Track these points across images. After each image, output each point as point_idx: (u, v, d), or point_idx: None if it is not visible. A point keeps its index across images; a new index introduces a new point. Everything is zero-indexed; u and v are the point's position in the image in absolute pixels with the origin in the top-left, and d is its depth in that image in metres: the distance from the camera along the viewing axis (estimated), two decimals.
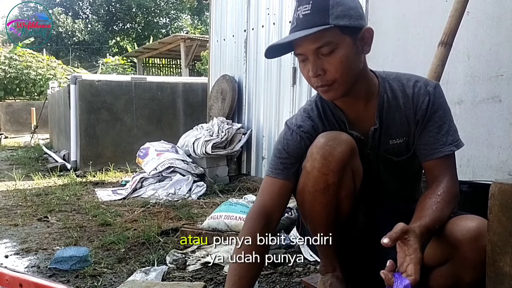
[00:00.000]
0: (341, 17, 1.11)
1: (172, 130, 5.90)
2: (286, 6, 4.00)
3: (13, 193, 4.02)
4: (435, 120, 1.23)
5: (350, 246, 1.39)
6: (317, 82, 1.18)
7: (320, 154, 1.20)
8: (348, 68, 1.16)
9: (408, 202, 1.33)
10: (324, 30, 1.10)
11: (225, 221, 2.44)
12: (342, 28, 1.12)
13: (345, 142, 1.21)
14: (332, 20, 1.10)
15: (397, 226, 1.02)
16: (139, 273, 1.90)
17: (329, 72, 1.15)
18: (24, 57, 13.97)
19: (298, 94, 3.90)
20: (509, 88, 1.99)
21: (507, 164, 2.00)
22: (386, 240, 0.99)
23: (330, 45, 1.12)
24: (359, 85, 1.23)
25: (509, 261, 0.95)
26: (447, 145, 1.21)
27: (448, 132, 1.22)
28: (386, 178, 1.35)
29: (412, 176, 1.38)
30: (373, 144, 1.29)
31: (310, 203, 1.26)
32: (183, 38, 11.22)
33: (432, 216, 1.10)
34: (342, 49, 1.13)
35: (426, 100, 1.23)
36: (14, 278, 1.00)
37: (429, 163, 1.23)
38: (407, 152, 1.30)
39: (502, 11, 2.00)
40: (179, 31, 23.48)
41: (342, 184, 1.23)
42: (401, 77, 1.29)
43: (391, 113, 1.27)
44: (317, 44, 1.12)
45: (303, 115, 1.33)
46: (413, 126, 1.26)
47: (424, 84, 1.26)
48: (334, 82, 1.16)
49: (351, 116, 1.29)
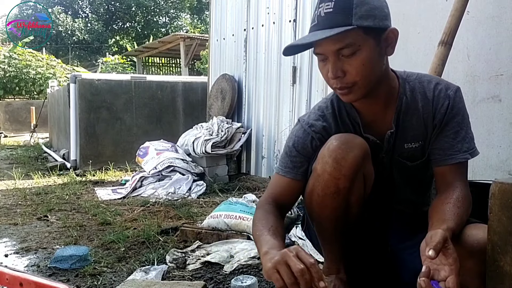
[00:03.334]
0: (365, 18, 1.06)
1: (171, 129, 5.90)
2: (286, 6, 4.00)
3: (12, 192, 4.02)
4: (453, 125, 1.19)
5: (357, 248, 1.36)
6: (336, 84, 1.13)
7: (332, 157, 1.16)
8: (370, 71, 1.11)
9: (417, 207, 1.31)
10: (346, 31, 1.04)
11: (225, 220, 2.44)
12: (366, 29, 1.07)
13: (358, 147, 1.17)
14: (355, 21, 1.05)
15: (436, 234, 0.96)
16: (139, 272, 1.90)
17: (349, 74, 1.10)
18: (24, 56, 13.94)
19: (298, 93, 3.90)
20: (509, 87, 1.99)
21: (507, 163, 2.00)
22: (432, 252, 0.92)
23: (352, 46, 1.07)
24: (380, 87, 1.19)
25: (509, 260, 0.95)
26: (462, 152, 1.18)
27: (464, 139, 1.19)
28: (399, 182, 1.32)
29: (425, 182, 1.35)
30: (388, 148, 1.26)
31: (318, 206, 1.23)
32: (182, 37, 11.24)
33: (455, 221, 1.05)
34: (364, 51, 1.08)
35: (445, 104, 1.19)
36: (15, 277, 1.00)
37: (442, 168, 1.20)
38: (422, 156, 1.26)
39: (502, 11, 2.00)
40: (179, 30, 23.49)
41: (353, 189, 1.20)
42: (421, 78, 1.25)
43: (409, 116, 1.23)
44: (338, 46, 1.07)
45: (317, 113, 1.29)
46: (430, 130, 1.22)
47: (445, 87, 1.21)
48: (354, 85, 1.12)
49: (367, 118, 1.25)
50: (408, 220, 1.28)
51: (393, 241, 1.34)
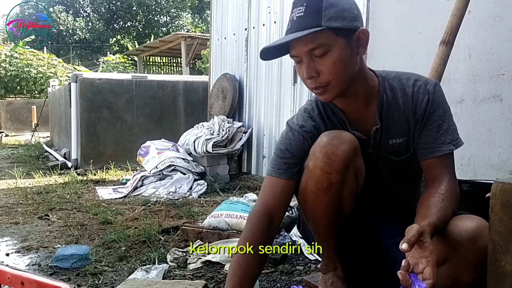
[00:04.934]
0: (334, 19, 1.10)
1: (172, 128, 5.90)
2: (287, 5, 4.00)
3: (14, 191, 4.02)
4: (434, 119, 1.23)
5: (352, 245, 1.39)
6: (311, 84, 1.18)
7: (323, 153, 1.19)
8: (342, 70, 1.15)
9: (409, 202, 1.33)
10: (316, 32, 1.09)
11: (225, 220, 2.44)
12: (335, 30, 1.11)
13: (348, 141, 1.20)
14: (324, 22, 1.09)
15: (411, 228, 1.00)
16: (140, 272, 1.90)
17: (322, 74, 1.15)
18: (25, 55, 13.96)
19: (299, 93, 3.90)
20: (510, 87, 1.98)
21: (508, 163, 2.00)
22: (405, 245, 0.95)
23: (323, 47, 1.12)
24: (357, 86, 1.22)
25: (510, 260, 0.95)
26: (446, 144, 1.21)
27: (447, 131, 1.22)
28: (387, 178, 1.35)
29: (412, 176, 1.38)
30: (375, 144, 1.29)
31: (312, 201, 1.26)
32: (183, 36, 11.22)
33: (439, 215, 1.09)
34: (335, 51, 1.13)
35: (425, 99, 1.23)
36: (16, 276, 1.00)
37: (428, 162, 1.24)
38: (406, 151, 1.30)
39: (504, 10, 2.00)
40: (180, 29, 23.49)
41: (345, 183, 1.23)
42: (400, 76, 1.29)
43: (391, 112, 1.26)
44: (310, 46, 1.12)
45: (304, 115, 1.32)
46: (413, 126, 1.26)
47: (423, 83, 1.25)
48: (328, 84, 1.16)
49: (352, 116, 1.29)
50: (400, 215, 1.30)
51: (386, 236, 1.36)
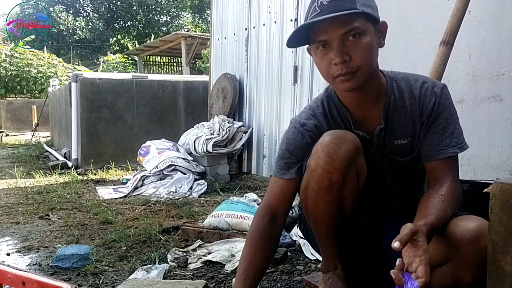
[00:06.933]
0: (366, 6, 1.12)
1: (173, 128, 5.91)
2: (288, 5, 4.00)
3: (14, 191, 4.03)
4: (440, 121, 1.23)
5: (352, 244, 1.39)
6: (341, 70, 1.14)
7: (325, 152, 1.20)
8: (372, 57, 1.17)
9: (410, 203, 1.33)
10: (353, 15, 1.10)
11: (226, 220, 2.44)
12: (367, 16, 1.13)
13: (350, 141, 1.21)
14: (360, 6, 1.11)
15: (405, 227, 1.01)
16: (141, 271, 1.90)
17: (355, 58, 1.13)
18: (25, 55, 13.96)
19: (299, 92, 3.90)
20: (510, 87, 1.98)
21: (508, 163, 2.00)
22: (397, 244, 0.96)
23: (357, 30, 1.12)
24: (371, 81, 1.23)
25: (510, 260, 0.95)
26: (450, 147, 1.21)
27: (452, 134, 1.22)
28: (390, 178, 1.35)
29: (415, 178, 1.38)
30: (378, 144, 1.29)
31: (313, 200, 1.26)
32: (184, 36, 11.22)
33: (437, 216, 1.09)
34: (367, 36, 1.14)
35: (432, 101, 1.23)
36: (17, 276, 1.00)
37: (432, 163, 1.24)
38: (411, 152, 1.30)
39: (504, 10, 2.00)
40: (180, 29, 23.48)
41: (346, 183, 1.23)
42: (409, 77, 1.29)
43: (397, 113, 1.27)
44: (346, 28, 1.11)
45: (308, 113, 1.33)
46: (418, 127, 1.26)
47: (431, 85, 1.25)
48: (358, 70, 1.15)
49: (357, 115, 1.29)
50: (402, 216, 1.30)
51: (387, 237, 1.35)
